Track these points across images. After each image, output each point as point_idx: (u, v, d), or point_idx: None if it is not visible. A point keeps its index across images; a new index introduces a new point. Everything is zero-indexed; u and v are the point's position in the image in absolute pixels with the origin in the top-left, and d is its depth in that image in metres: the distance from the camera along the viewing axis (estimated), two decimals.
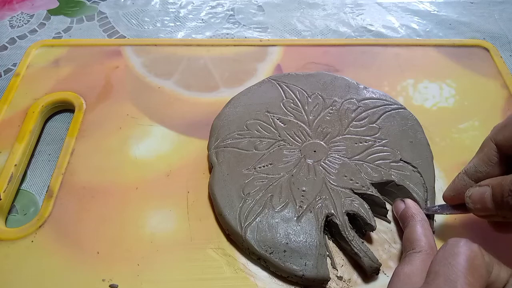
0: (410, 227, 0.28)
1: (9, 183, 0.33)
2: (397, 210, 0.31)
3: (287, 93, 0.38)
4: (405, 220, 0.29)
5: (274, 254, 0.28)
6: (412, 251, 0.26)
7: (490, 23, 0.50)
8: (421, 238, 0.27)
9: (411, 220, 0.29)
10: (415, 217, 0.29)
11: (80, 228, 0.31)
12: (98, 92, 0.40)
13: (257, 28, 0.49)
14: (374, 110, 0.36)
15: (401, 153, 0.33)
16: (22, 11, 0.51)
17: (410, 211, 0.30)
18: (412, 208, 0.30)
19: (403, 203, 0.31)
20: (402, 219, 0.30)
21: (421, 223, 0.28)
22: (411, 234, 0.28)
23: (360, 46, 0.45)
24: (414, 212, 0.29)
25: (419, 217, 0.29)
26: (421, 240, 0.27)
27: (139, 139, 0.37)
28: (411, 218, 0.29)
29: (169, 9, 0.52)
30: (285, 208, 0.30)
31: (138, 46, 0.44)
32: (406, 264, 0.25)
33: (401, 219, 0.30)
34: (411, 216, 0.29)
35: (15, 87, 0.40)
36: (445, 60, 0.43)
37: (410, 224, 0.29)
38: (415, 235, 0.27)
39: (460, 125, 0.38)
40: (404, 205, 0.30)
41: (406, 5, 0.52)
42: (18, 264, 0.29)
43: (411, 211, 0.29)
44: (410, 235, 0.28)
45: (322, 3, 0.53)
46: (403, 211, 0.30)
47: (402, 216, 0.30)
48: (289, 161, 0.33)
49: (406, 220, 0.29)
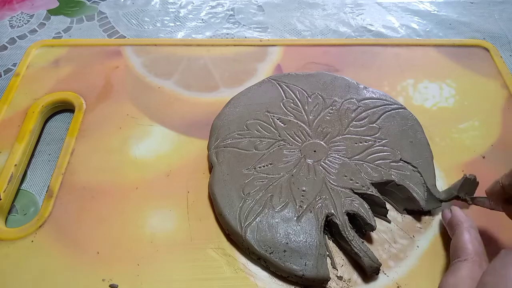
0: (456, 235, 0.27)
1: (9, 183, 0.33)
2: (444, 219, 0.30)
3: (287, 93, 0.38)
4: (452, 228, 0.29)
5: (274, 254, 0.28)
6: (457, 260, 0.25)
7: (490, 23, 0.50)
8: (467, 246, 0.26)
9: (457, 228, 0.28)
10: (461, 224, 0.28)
11: (80, 228, 0.31)
12: (98, 92, 0.40)
13: (257, 28, 0.49)
14: (374, 110, 0.36)
15: (401, 153, 0.33)
16: (22, 11, 0.51)
17: (456, 218, 0.29)
18: (458, 216, 0.29)
19: (449, 212, 0.30)
20: (450, 227, 0.29)
21: (467, 230, 0.27)
22: (457, 242, 0.27)
23: (360, 46, 0.45)
24: (460, 219, 0.28)
25: (466, 224, 0.28)
26: (467, 248, 0.26)
27: (139, 139, 0.37)
28: (457, 226, 0.28)
29: (169, 9, 0.52)
30: (285, 208, 0.30)
31: (138, 46, 0.44)
32: (451, 274, 0.25)
33: (448, 227, 0.29)
34: (457, 223, 0.28)
35: (15, 87, 0.40)
36: (445, 60, 0.43)
37: (456, 232, 0.28)
38: (461, 243, 0.26)
39: (460, 125, 0.38)
40: (450, 214, 0.29)
41: (406, 5, 0.52)
42: (18, 264, 0.29)
43: (457, 219, 0.28)
44: (456, 243, 0.27)
45: (322, 3, 0.53)
46: (450, 220, 0.29)
47: (449, 225, 0.29)
48: (289, 161, 0.33)
49: (452, 228, 0.28)
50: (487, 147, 0.36)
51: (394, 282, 0.29)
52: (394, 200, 0.33)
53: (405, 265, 0.30)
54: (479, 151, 0.36)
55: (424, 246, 0.30)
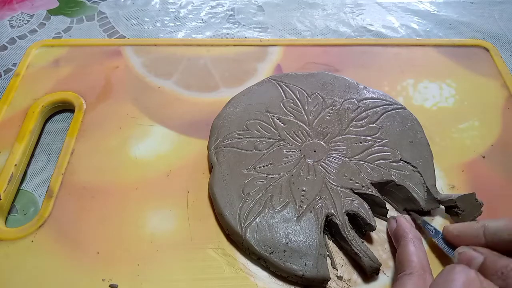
0: (401, 247, 0.27)
1: (9, 183, 0.33)
2: (390, 229, 0.30)
3: (287, 93, 0.38)
4: (397, 240, 0.28)
5: (274, 254, 0.28)
6: (403, 274, 0.25)
7: (490, 23, 0.50)
8: (412, 259, 0.25)
9: (402, 239, 0.27)
10: (406, 236, 0.27)
11: (80, 228, 0.31)
12: (98, 92, 0.40)
13: (257, 28, 0.49)
14: (374, 110, 0.36)
15: (401, 153, 0.33)
16: (22, 11, 0.51)
17: (401, 229, 0.28)
18: (404, 226, 0.28)
19: (395, 222, 0.29)
20: (395, 238, 0.29)
21: (412, 242, 0.26)
22: (402, 255, 0.26)
23: (360, 46, 0.45)
24: (406, 230, 0.28)
25: (410, 235, 0.27)
26: (412, 261, 0.25)
27: (139, 139, 0.37)
28: (402, 237, 0.27)
29: (169, 9, 0.52)
30: (285, 208, 0.30)
31: (138, 46, 0.44)
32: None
33: (394, 238, 0.29)
34: (402, 234, 0.27)
35: (15, 87, 0.40)
36: (445, 60, 0.43)
37: (401, 243, 0.27)
38: (406, 256, 0.26)
39: (460, 125, 0.38)
40: (396, 224, 0.29)
41: (406, 5, 0.52)
42: (18, 264, 0.29)
43: (402, 229, 0.28)
44: (401, 255, 0.26)
45: (322, 3, 0.53)
46: (395, 230, 0.29)
47: (394, 235, 0.29)
48: (289, 161, 0.33)
49: (397, 240, 0.28)
50: (487, 147, 0.36)
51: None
52: (394, 200, 0.33)
53: None
54: (479, 151, 0.36)
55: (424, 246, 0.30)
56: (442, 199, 0.31)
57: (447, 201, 0.31)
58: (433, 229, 0.30)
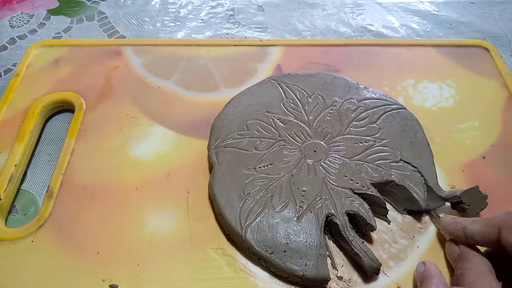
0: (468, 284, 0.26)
1: (9, 183, 0.33)
2: (417, 272, 0.29)
3: (287, 93, 0.38)
4: (421, 283, 0.28)
5: (274, 254, 0.28)
6: None
7: (490, 23, 0.50)
8: None
9: (426, 282, 0.27)
10: (431, 279, 0.27)
11: (80, 228, 0.31)
12: (98, 92, 0.40)
13: (257, 28, 0.49)
14: (374, 110, 0.36)
15: (401, 153, 0.33)
16: (22, 11, 0.51)
17: (428, 272, 0.28)
18: (430, 269, 0.28)
19: (423, 265, 0.29)
20: (420, 281, 0.28)
21: (436, 285, 0.26)
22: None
23: (360, 46, 0.45)
24: (432, 273, 0.27)
25: (435, 279, 0.27)
26: None
27: (139, 139, 0.37)
28: (427, 280, 0.27)
29: (169, 9, 0.52)
30: (285, 208, 0.30)
31: (138, 46, 0.44)
32: None
33: (419, 281, 0.28)
34: (428, 278, 0.27)
35: (15, 87, 0.40)
36: (445, 60, 0.43)
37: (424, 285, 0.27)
38: None
39: (460, 125, 0.38)
40: (424, 267, 0.28)
41: (406, 5, 0.52)
42: (18, 264, 0.29)
43: (429, 273, 0.28)
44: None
45: (322, 3, 0.53)
46: (422, 273, 0.28)
47: (420, 278, 0.28)
48: (289, 161, 0.33)
49: (422, 283, 0.28)
50: (487, 147, 0.36)
51: (394, 283, 0.29)
52: (394, 200, 0.33)
53: (405, 266, 0.30)
54: (479, 151, 0.36)
55: (424, 246, 0.30)
56: (447, 196, 0.31)
57: (452, 198, 0.31)
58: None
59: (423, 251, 0.30)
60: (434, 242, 0.31)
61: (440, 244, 0.30)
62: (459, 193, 0.30)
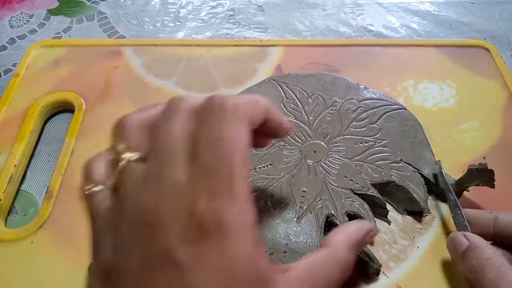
0: (495, 275, 0.22)
1: (8, 184, 0.33)
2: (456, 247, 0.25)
3: (287, 93, 0.38)
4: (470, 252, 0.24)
5: (274, 255, 0.28)
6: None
7: (490, 23, 0.50)
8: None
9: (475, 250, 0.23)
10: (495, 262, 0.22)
11: (80, 229, 0.31)
12: (98, 92, 0.40)
13: (257, 28, 0.49)
14: (375, 111, 0.36)
15: (401, 154, 0.33)
16: (22, 11, 0.51)
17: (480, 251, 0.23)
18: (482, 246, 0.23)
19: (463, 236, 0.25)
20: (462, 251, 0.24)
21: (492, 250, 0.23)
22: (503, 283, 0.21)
23: (361, 46, 0.45)
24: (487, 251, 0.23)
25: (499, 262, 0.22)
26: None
27: None
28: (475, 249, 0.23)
29: (169, 9, 0.52)
30: (285, 209, 0.30)
31: (138, 46, 0.44)
32: None
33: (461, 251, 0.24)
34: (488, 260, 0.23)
35: (15, 87, 0.40)
36: (445, 60, 0.43)
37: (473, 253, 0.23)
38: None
39: (460, 125, 0.38)
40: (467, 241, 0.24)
41: (406, 5, 0.52)
42: (18, 265, 0.29)
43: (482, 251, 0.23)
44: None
45: (322, 3, 0.53)
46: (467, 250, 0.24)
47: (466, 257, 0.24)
48: (289, 162, 0.33)
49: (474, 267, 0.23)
50: (487, 148, 0.36)
51: (394, 283, 0.29)
52: (395, 201, 0.32)
53: (406, 266, 0.30)
54: (479, 152, 0.36)
55: (424, 247, 0.30)
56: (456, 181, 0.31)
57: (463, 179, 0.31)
58: (453, 200, 0.29)
59: (424, 251, 0.30)
60: (435, 243, 0.31)
61: (441, 245, 0.30)
62: (462, 180, 0.31)
